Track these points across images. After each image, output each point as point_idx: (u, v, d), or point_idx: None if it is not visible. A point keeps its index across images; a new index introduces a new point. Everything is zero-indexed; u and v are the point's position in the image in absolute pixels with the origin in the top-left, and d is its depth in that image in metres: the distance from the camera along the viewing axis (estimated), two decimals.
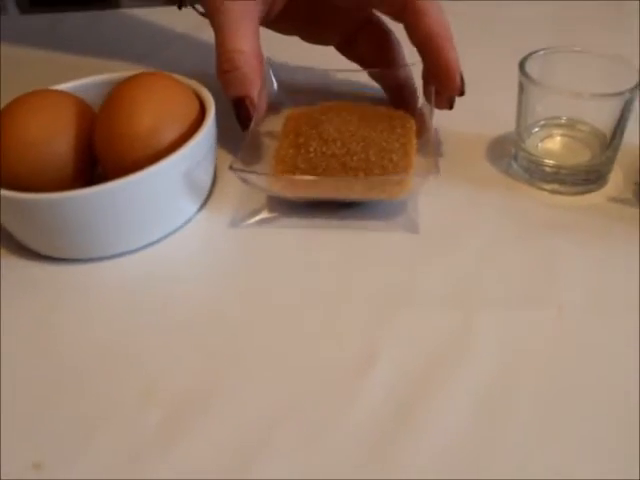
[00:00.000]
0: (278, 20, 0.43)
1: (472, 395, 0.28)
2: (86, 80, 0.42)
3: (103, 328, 0.32)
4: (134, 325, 0.32)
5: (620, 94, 0.36)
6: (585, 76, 0.37)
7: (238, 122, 0.39)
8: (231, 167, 0.36)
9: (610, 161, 0.39)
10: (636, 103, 0.37)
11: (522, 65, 0.38)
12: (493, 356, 0.30)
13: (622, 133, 0.38)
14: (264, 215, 0.38)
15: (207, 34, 0.42)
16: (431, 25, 0.38)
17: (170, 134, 0.37)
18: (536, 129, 0.40)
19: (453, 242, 0.36)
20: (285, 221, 0.38)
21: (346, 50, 0.46)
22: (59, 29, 0.63)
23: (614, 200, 0.38)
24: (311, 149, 0.38)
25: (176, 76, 0.40)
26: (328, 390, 0.29)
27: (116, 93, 0.38)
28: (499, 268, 0.34)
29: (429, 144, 0.38)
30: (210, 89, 0.40)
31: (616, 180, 0.40)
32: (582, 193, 0.39)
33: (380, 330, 0.31)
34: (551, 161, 0.39)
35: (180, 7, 0.48)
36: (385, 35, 0.45)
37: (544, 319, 0.32)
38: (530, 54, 0.39)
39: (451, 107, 0.41)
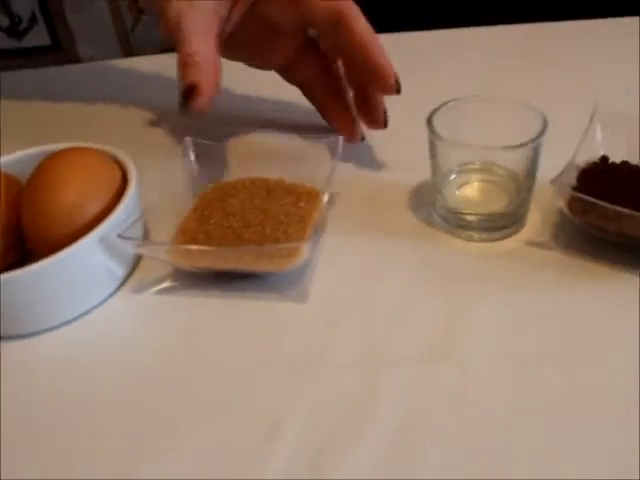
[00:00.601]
0: (226, 44, 0.44)
1: (376, 455, 0.29)
2: (15, 155, 0.43)
3: (24, 404, 0.33)
4: (55, 400, 0.33)
5: (527, 144, 0.37)
6: (495, 123, 0.38)
7: (180, 106, 0.40)
8: (119, 235, 0.36)
9: (526, 202, 0.40)
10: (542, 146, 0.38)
11: (429, 120, 0.38)
12: (396, 416, 0.31)
13: (534, 175, 0.39)
14: (168, 284, 0.39)
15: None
16: (362, 34, 0.41)
17: (93, 208, 0.37)
18: (453, 176, 0.41)
19: (365, 299, 0.37)
20: (195, 292, 0.38)
21: (288, 74, 0.49)
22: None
23: (532, 244, 0.39)
24: (212, 221, 0.40)
25: (100, 147, 0.41)
26: (237, 457, 0.30)
27: (40, 169, 0.39)
28: (408, 324, 0.35)
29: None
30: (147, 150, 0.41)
31: (534, 222, 0.40)
32: (501, 238, 0.40)
33: (287, 397, 0.32)
34: (468, 209, 0.40)
35: None
36: (324, 56, 0.47)
37: (449, 375, 0.32)
38: (439, 106, 0.39)
39: (385, 125, 0.45)
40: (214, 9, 0.42)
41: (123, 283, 0.40)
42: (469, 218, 0.40)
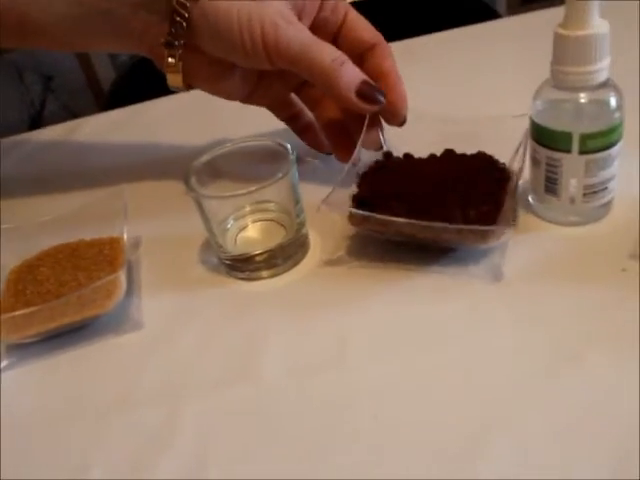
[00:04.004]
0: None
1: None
2: None
3: None
4: None
5: (277, 180, 0.39)
6: (251, 163, 0.42)
7: (372, 101, 0.42)
8: None
9: (302, 228, 0.42)
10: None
11: (187, 182, 0.40)
12: (195, 443, 0.33)
13: (299, 200, 0.41)
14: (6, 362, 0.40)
15: None
16: (393, 64, 0.44)
17: None
18: (230, 224, 0.43)
19: (168, 341, 0.39)
20: (29, 361, 0.39)
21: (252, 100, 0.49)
22: None
23: (325, 263, 0.42)
24: (28, 292, 0.41)
25: None
26: None
27: None
28: (208, 357, 0.37)
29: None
30: None
31: (319, 243, 0.43)
32: (290, 268, 0.42)
33: (93, 439, 0.34)
34: (252, 250, 0.41)
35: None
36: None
37: (244, 396, 0.35)
38: (194, 162, 0.41)
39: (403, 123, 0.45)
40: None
41: None
42: (256, 258, 0.42)
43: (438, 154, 0.44)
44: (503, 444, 0.30)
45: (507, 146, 0.42)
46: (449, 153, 0.44)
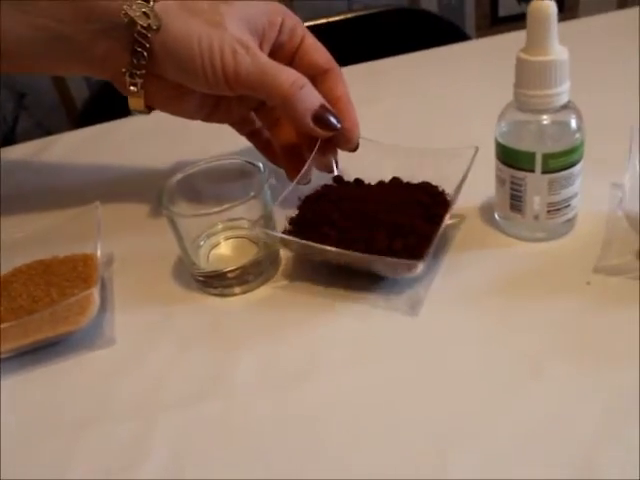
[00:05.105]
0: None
1: None
2: None
3: None
4: None
5: (249, 199, 0.40)
6: (224, 182, 0.43)
7: (327, 127, 0.42)
8: None
9: (272, 246, 0.43)
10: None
11: (161, 200, 0.40)
12: (168, 457, 0.33)
13: (271, 218, 0.42)
14: None
15: None
16: (345, 90, 0.45)
17: None
18: (202, 241, 0.43)
19: (141, 357, 0.39)
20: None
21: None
22: None
23: (286, 286, 0.42)
24: (1, 308, 0.41)
25: None
26: None
27: None
28: (180, 374, 0.38)
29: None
30: None
31: (290, 262, 0.44)
32: (261, 284, 0.42)
33: (67, 454, 0.34)
34: (224, 267, 0.42)
35: None
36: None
37: (217, 411, 0.35)
38: (167, 181, 0.42)
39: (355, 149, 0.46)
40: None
41: None
42: (229, 275, 0.42)
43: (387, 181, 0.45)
44: (468, 457, 0.31)
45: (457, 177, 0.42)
46: (395, 181, 0.45)
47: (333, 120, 0.43)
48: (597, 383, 0.33)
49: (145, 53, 0.42)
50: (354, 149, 0.45)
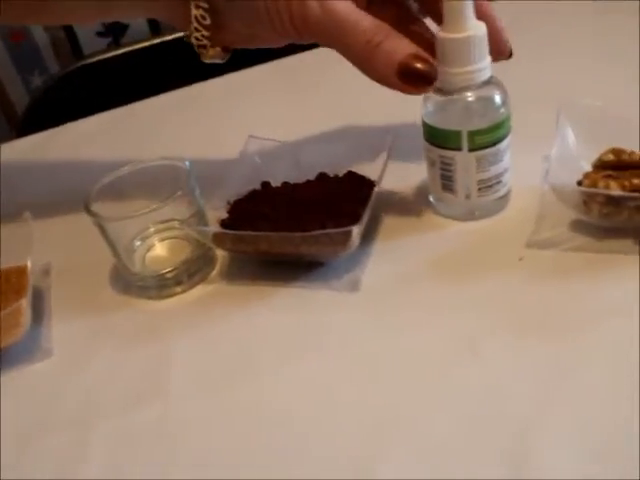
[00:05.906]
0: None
1: None
2: None
3: None
4: None
5: (176, 197, 0.39)
6: (153, 183, 0.42)
7: (419, 81, 0.36)
8: None
9: (206, 243, 0.42)
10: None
11: (87, 207, 0.40)
12: (106, 465, 0.33)
13: (204, 217, 0.42)
14: None
15: None
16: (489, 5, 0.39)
17: None
18: (137, 244, 0.43)
19: (80, 366, 0.39)
20: None
21: None
22: None
23: (226, 279, 0.42)
24: None
25: None
26: None
27: None
28: (119, 380, 0.37)
29: None
30: None
31: (226, 259, 0.43)
32: (200, 282, 0.42)
33: (10, 466, 0.34)
34: (161, 268, 0.41)
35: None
36: None
37: (154, 416, 0.35)
38: (93, 186, 0.41)
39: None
40: None
41: None
42: (166, 276, 0.41)
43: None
44: (403, 445, 0.31)
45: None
46: (322, 176, 0.45)
47: (425, 73, 0.36)
48: (534, 358, 0.33)
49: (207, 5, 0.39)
50: (509, 56, 0.41)
